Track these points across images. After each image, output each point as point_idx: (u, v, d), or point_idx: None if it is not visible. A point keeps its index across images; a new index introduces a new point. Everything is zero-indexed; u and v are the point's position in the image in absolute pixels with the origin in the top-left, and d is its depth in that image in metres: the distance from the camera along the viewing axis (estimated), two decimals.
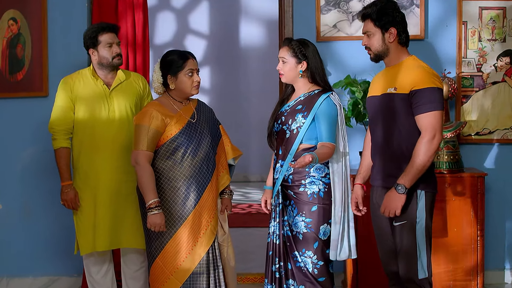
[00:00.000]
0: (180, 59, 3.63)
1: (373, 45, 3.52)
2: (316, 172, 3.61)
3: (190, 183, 3.59)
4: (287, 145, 3.64)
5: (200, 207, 3.60)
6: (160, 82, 3.66)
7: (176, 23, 9.67)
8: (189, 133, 3.63)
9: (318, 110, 3.59)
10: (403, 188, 3.36)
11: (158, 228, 3.52)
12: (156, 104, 3.66)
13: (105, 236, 3.99)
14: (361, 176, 3.69)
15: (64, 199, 4.01)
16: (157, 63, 3.69)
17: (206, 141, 3.67)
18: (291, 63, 3.67)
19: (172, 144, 3.60)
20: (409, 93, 3.40)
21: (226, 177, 3.79)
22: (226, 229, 3.78)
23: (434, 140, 3.36)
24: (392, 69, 3.54)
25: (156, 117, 3.57)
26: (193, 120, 3.68)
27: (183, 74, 3.63)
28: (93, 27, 4.04)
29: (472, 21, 4.83)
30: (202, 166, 3.63)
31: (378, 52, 3.53)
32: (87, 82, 4.04)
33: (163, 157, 3.61)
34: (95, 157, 3.99)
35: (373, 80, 3.68)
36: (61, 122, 4.00)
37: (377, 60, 3.57)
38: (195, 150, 3.61)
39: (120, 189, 4.01)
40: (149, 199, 3.51)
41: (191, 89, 3.66)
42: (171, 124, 3.61)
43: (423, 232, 3.46)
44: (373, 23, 3.51)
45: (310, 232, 3.58)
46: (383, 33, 3.50)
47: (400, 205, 3.38)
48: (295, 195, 3.62)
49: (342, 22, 4.86)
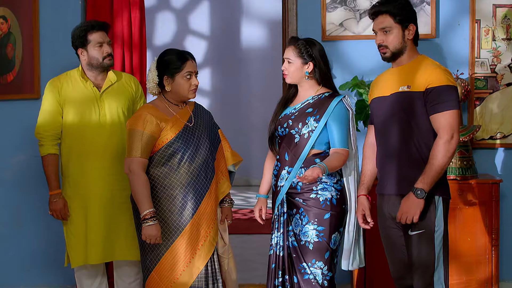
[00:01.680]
0: (179, 60, 3.51)
1: (392, 42, 3.40)
2: (328, 178, 3.52)
3: (187, 191, 3.48)
4: (296, 150, 3.54)
5: (198, 217, 3.50)
6: (155, 83, 3.55)
7: (176, 24, 9.72)
8: (186, 138, 3.52)
9: (332, 115, 3.50)
10: (422, 193, 3.24)
11: (154, 240, 3.41)
12: (150, 107, 3.54)
13: (97, 248, 3.88)
14: (365, 186, 3.56)
15: (53, 209, 3.91)
16: (154, 61, 3.57)
17: (204, 146, 3.56)
18: (297, 64, 3.57)
19: (168, 150, 3.49)
20: (424, 91, 3.29)
21: (226, 185, 3.68)
22: (227, 240, 3.68)
23: (452, 141, 3.25)
24: (403, 68, 3.42)
25: (151, 121, 3.46)
26: (190, 124, 3.58)
27: (180, 76, 3.51)
28: (82, 25, 3.94)
29: (485, 19, 4.74)
30: (200, 173, 3.52)
31: (396, 50, 3.41)
32: (75, 84, 3.94)
33: (158, 163, 3.50)
34: (86, 164, 3.89)
35: (378, 80, 3.56)
36: (48, 127, 3.90)
37: (393, 59, 3.45)
38: (192, 156, 3.50)
39: (112, 198, 3.91)
40: (144, 209, 3.40)
41: (188, 93, 3.55)
42: (167, 128, 3.50)
43: (441, 242, 3.34)
44: (392, 18, 3.38)
45: (322, 241, 3.48)
46: (403, 30, 3.39)
47: (419, 211, 3.26)
48: (305, 202, 3.52)
49: (348, 20, 4.78)
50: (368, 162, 3.57)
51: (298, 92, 3.66)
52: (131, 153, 3.45)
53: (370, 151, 3.58)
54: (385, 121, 3.44)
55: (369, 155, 3.57)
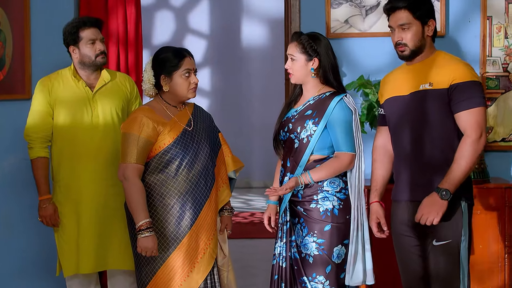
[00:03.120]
0: (176, 57, 3.38)
1: (412, 39, 3.24)
2: (330, 186, 3.35)
3: (185, 200, 3.35)
4: (296, 156, 3.39)
5: (197, 228, 3.36)
6: (151, 83, 3.41)
7: (175, 23, 9.74)
8: (185, 143, 3.38)
9: (331, 116, 3.33)
10: (448, 194, 3.08)
11: (150, 252, 3.27)
12: (146, 109, 3.40)
13: (89, 256, 3.80)
14: (378, 193, 3.40)
15: (42, 215, 3.84)
16: (149, 61, 3.45)
17: (204, 151, 3.43)
18: (301, 61, 3.40)
19: (165, 156, 3.36)
20: (449, 88, 3.15)
21: (226, 193, 3.54)
22: (226, 251, 3.54)
23: (481, 140, 3.12)
24: (421, 65, 3.27)
25: (147, 124, 3.32)
26: (190, 128, 3.44)
27: (178, 74, 3.38)
28: (73, 22, 3.87)
29: (497, 16, 4.63)
30: (200, 181, 3.39)
31: (416, 48, 3.26)
32: (67, 83, 3.86)
33: (154, 170, 3.37)
34: (77, 167, 3.81)
35: (391, 79, 3.41)
36: (38, 129, 3.83)
37: (412, 57, 3.28)
38: (191, 162, 3.37)
39: (106, 204, 3.82)
40: (140, 220, 3.27)
41: (188, 92, 3.41)
42: (164, 132, 3.36)
43: (467, 253, 3.18)
44: (411, 14, 3.22)
45: (322, 255, 3.32)
46: (422, 26, 3.24)
47: (441, 213, 3.10)
48: (305, 212, 3.36)
49: (354, 17, 4.68)
50: (379, 167, 3.41)
51: (303, 92, 3.51)
52: (125, 158, 3.32)
53: (381, 154, 3.42)
54: (403, 122, 3.28)
55: (381, 158, 3.41)
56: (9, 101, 4.68)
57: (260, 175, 9.65)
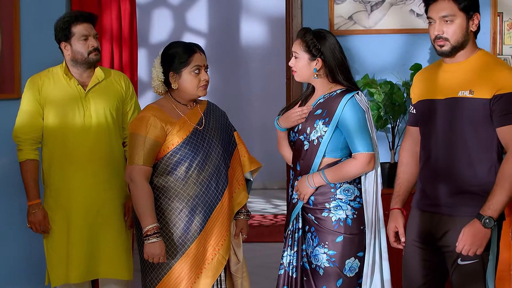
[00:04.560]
0: (185, 53, 3.29)
1: (455, 33, 2.97)
2: (343, 194, 3.21)
3: (195, 204, 3.28)
4: (306, 159, 3.26)
5: (206, 234, 3.30)
6: (160, 81, 3.33)
7: (173, 21, 9.70)
8: (195, 143, 3.30)
9: (342, 115, 3.19)
10: (491, 222, 2.86)
11: (158, 259, 3.21)
12: (154, 108, 3.32)
13: (79, 265, 3.73)
14: (400, 199, 3.20)
15: (31, 221, 3.75)
16: (158, 57, 3.36)
17: (216, 152, 3.34)
18: (304, 60, 3.28)
19: (174, 157, 3.28)
20: (492, 98, 2.90)
21: (243, 195, 3.45)
22: (241, 256, 3.45)
23: None
24: (462, 66, 3.03)
25: (155, 124, 3.25)
26: (200, 127, 3.35)
27: (188, 71, 3.29)
28: (65, 16, 3.78)
29: (509, 12, 4.60)
30: (211, 184, 3.31)
31: (457, 44, 2.99)
32: (58, 81, 3.78)
33: (163, 172, 3.29)
34: (68, 171, 3.72)
35: (427, 77, 3.17)
36: (27, 130, 3.75)
37: (452, 54, 3.03)
38: (202, 164, 3.29)
39: (99, 210, 3.75)
40: (147, 224, 3.19)
41: (197, 90, 3.33)
42: (173, 132, 3.28)
43: (493, 273, 3.00)
44: (456, 5, 2.96)
45: (333, 267, 3.20)
46: (467, 20, 2.99)
47: (485, 243, 2.90)
48: (316, 220, 3.23)
49: (359, 13, 4.64)
50: (405, 170, 3.21)
51: (315, 90, 3.38)
52: (132, 160, 3.25)
53: (407, 157, 3.21)
54: (435, 129, 3.07)
55: (408, 161, 3.21)
56: None
57: (259, 176, 9.41)
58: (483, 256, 2.96)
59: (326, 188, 3.19)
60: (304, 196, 3.20)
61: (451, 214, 3.00)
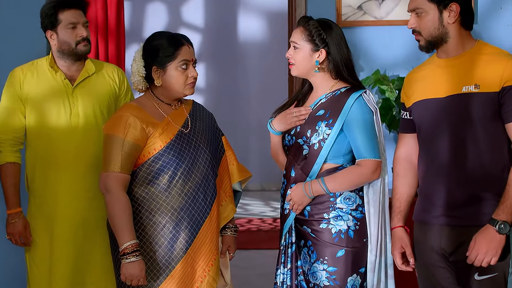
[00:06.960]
0: (171, 45, 3.05)
1: (426, 27, 2.86)
2: (344, 203, 2.98)
3: (180, 218, 3.02)
4: (304, 165, 3.03)
5: (193, 252, 3.03)
6: (141, 76, 3.07)
7: (168, 15, 9.73)
8: (180, 148, 3.05)
9: (349, 116, 2.96)
10: (506, 227, 2.69)
11: (136, 281, 2.93)
12: (134, 107, 3.07)
13: (63, 281, 3.53)
14: (402, 215, 2.99)
15: (10, 232, 3.55)
16: (139, 49, 3.12)
17: (203, 159, 3.10)
18: (305, 50, 3.02)
19: (156, 164, 3.03)
20: (500, 91, 2.73)
21: (230, 207, 3.20)
22: (228, 278, 3.22)
23: None
24: (460, 60, 2.86)
25: (134, 125, 3.00)
26: (186, 130, 3.10)
27: (174, 66, 3.04)
28: (52, 2, 3.56)
29: None
30: (198, 195, 3.06)
31: (431, 38, 2.87)
32: (43, 75, 3.57)
33: (143, 181, 3.04)
34: (52, 176, 3.53)
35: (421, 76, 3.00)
36: (7, 129, 3.55)
37: (429, 49, 2.91)
38: (187, 172, 3.04)
39: (85, 220, 3.55)
40: (124, 241, 2.94)
41: (184, 88, 3.08)
42: (155, 135, 3.03)
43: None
44: None
45: (334, 286, 2.98)
46: (440, 11, 2.84)
47: (500, 250, 2.71)
48: (313, 233, 3.00)
49: (369, 2, 4.52)
50: (403, 183, 3.00)
51: (313, 89, 3.14)
52: (108, 166, 3.01)
53: (405, 168, 3.01)
54: (438, 131, 2.88)
55: (404, 173, 3.00)
56: None
57: (257, 178, 9.38)
58: (504, 267, 2.79)
59: (325, 197, 2.98)
60: (298, 206, 2.98)
61: (465, 225, 2.81)
